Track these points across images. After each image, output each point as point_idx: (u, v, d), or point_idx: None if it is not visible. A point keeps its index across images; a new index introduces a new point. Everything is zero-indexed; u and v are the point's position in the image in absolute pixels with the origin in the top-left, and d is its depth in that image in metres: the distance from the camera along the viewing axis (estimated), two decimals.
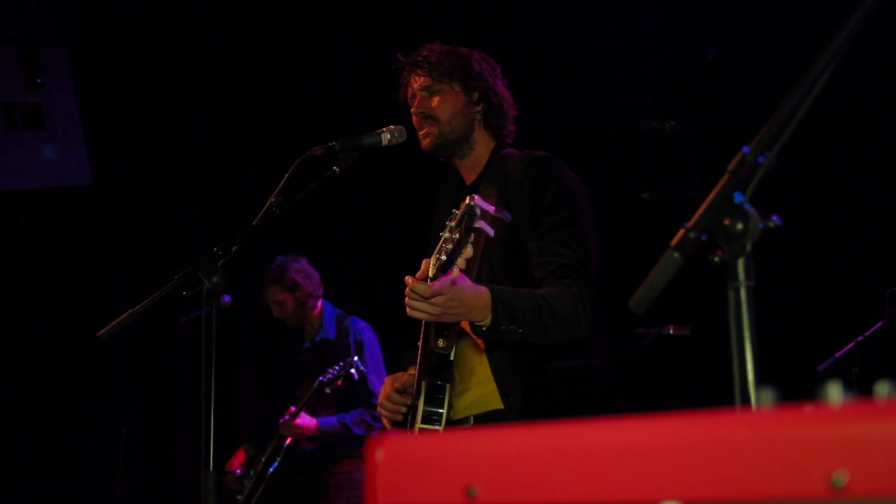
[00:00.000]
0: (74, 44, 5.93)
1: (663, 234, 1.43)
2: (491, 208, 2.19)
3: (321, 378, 4.86)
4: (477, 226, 2.16)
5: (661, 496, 0.83)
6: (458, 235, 2.17)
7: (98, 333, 2.58)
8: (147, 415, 6.26)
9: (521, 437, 0.92)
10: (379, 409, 2.80)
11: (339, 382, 4.86)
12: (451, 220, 2.21)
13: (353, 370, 4.84)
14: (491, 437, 0.95)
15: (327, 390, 4.86)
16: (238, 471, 5.20)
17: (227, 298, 3.64)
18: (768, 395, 0.86)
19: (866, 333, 4.14)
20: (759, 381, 1.18)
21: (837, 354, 4.15)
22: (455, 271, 2.19)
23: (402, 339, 3.03)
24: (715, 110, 5.51)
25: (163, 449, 6.42)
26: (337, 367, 4.86)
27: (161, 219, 6.60)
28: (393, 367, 4.47)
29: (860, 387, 4.04)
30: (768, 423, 0.80)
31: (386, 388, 2.78)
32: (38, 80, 5.70)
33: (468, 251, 2.19)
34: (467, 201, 2.17)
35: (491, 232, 2.19)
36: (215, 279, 2.52)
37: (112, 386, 6.39)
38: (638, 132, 5.58)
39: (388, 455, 0.98)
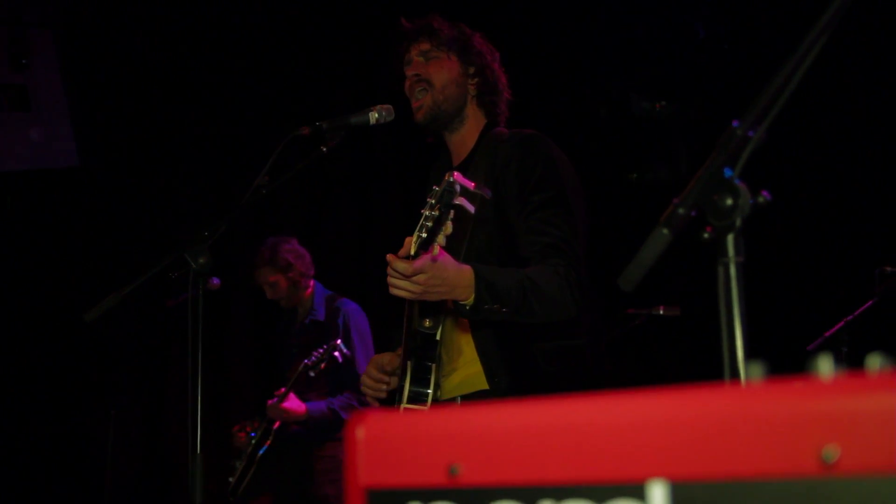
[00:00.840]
0: (60, 25, 5.87)
1: (652, 215, 1.41)
2: (470, 185, 2.17)
3: (306, 361, 4.85)
4: (456, 202, 2.14)
5: (648, 474, 0.82)
6: (437, 212, 2.14)
7: (84, 315, 2.56)
8: (137, 398, 6.24)
9: (505, 414, 0.90)
10: (362, 388, 2.78)
11: (323, 366, 4.84)
12: (431, 197, 2.19)
13: (336, 353, 4.82)
14: (474, 414, 0.93)
15: (311, 374, 4.84)
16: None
17: (215, 281, 3.61)
18: (758, 370, 0.84)
19: (856, 313, 4.14)
20: (749, 357, 1.16)
21: (827, 334, 4.15)
22: (435, 248, 2.16)
23: (393, 320, 3.01)
24: (705, 90, 5.49)
25: (153, 432, 6.41)
26: (321, 351, 4.84)
27: (149, 200, 6.57)
28: (384, 348, 4.46)
29: (850, 366, 4.04)
30: (758, 397, 0.78)
31: (368, 368, 2.77)
32: (23, 62, 5.64)
33: (448, 228, 2.16)
34: (447, 178, 2.15)
35: (471, 208, 2.17)
36: (202, 260, 2.50)
37: (101, 369, 6.37)
38: (629, 112, 5.56)
39: (369, 433, 0.95)
